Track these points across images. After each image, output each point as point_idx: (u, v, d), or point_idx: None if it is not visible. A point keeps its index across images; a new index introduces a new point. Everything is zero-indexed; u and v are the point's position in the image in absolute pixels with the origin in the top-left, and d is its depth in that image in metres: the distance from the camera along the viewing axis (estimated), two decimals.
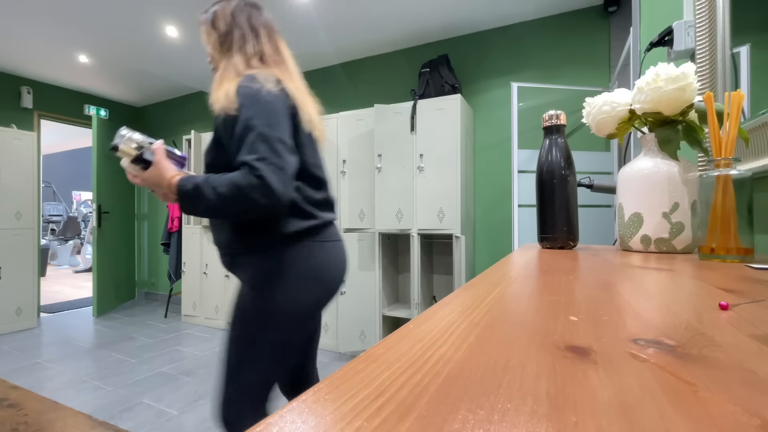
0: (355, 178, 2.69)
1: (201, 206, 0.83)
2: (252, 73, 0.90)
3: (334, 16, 2.62)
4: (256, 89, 0.86)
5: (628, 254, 0.62)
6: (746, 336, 0.19)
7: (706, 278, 0.37)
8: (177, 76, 3.73)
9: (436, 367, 0.16)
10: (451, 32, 2.85)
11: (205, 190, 0.81)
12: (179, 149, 4.02)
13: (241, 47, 0.98)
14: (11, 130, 3.29)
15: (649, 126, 0.66)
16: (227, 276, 3.29)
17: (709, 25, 0.82)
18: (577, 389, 0.13)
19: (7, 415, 0.56)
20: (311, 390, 0.14)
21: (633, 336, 0.19)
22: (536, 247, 0.75)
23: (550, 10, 2.56)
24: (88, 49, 3.15)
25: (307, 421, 0.12)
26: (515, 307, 0.27)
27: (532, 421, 0.11)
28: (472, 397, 0.13)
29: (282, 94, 0.89)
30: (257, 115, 0.82)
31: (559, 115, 0.73)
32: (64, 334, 3.23)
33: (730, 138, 0.52)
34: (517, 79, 2.63)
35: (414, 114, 2.47)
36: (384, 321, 2.63)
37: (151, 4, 2.50)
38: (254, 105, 0.84)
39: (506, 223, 2.67)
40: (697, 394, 0.13)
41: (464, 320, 0.23)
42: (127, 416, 1.86)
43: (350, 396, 0.14)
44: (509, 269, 0.45)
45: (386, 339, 0.20)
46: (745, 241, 0.50)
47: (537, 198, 0.74)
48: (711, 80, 0.81)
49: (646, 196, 0.63)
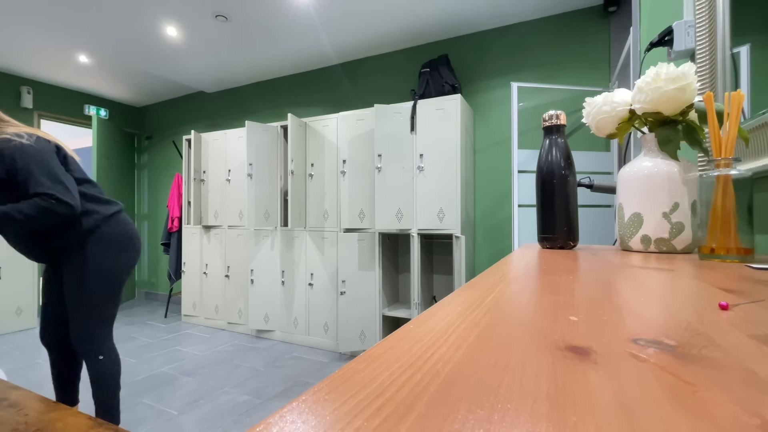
0: (355, 178, 2.69)
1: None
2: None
3: (334, 16, 2.62)
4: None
5: (628, 254, 0.62)
6: (746, 336, 0.19)
7: (706, 278, 0.37)
8: (177, 76, 3.73)
9: (436, 367, 0.16)
10: (451, 32, 2.85)
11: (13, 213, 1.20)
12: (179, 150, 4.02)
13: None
14: None
15: (649, 126, 0.66)
16: (227, 276, 3.30)
17: (709, 25, 0.82)
18: (577, 389, 0.13)
19: (7, 415, 0.56)
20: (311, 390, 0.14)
21: (633, 336, 0.19)
22: (536, 247, 0.75)
23: (550, 10, 2.56)
24: (88, 49, 3.15)
25: (307, 421, 0.12)
26: (515, 307, 0.27)
27: (532, 421, 0.11)
28: (472, 397, 0.13)
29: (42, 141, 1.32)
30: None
31: (559, 115, 0.73)
32: None
33: (730, 138, 0.52)
34: (517, 79, 2.63)
35: (414, 114, 2.47)
36: (384, 321, 2.63)
37: (151, 4, 2.50)
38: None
39: (506, 223, 2.67)
40: (697, 394, 0.13)
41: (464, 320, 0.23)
42: (127, 416, 1.86)
43: (350, 396, 0.14)
44: (509, 269, 0.45)
45: (386, 339, 0.20)
46: (745, 241, 0.50)
47: (537, 198, 0.74)
48: (711, 80, 0.81)
49: (646, 196, 0.63)
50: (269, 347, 2.89)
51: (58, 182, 1.25)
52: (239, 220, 3.26)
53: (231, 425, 1.80)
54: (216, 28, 2.79)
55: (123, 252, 1.45)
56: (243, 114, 3.95)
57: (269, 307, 3.04)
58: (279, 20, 2.68)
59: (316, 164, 2.89)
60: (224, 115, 4.06)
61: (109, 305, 1.42)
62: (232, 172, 3.29)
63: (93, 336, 1.40)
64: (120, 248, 1.44)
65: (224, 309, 3.33)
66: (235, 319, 3.26)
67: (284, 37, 2.92)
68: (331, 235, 2.81)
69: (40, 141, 1.29)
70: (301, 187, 2.87)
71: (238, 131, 3.26)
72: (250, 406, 1.97)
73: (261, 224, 2.89)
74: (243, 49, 3.13)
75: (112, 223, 1.44)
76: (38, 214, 1.20)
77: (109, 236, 1.42)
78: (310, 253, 2.91)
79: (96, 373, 1.41)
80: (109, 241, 1.41)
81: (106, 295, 1.41)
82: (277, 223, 3.00)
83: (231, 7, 2.51)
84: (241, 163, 3.23)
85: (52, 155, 1.30)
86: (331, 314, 2.81)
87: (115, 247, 1.43)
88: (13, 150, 1.21)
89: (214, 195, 3.40)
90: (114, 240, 1.43)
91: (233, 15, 2.62)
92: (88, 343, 1.39)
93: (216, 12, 2.58)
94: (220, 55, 3.25)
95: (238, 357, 2.68)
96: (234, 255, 3.27)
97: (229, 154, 3.32)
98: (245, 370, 2.44)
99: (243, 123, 3.77)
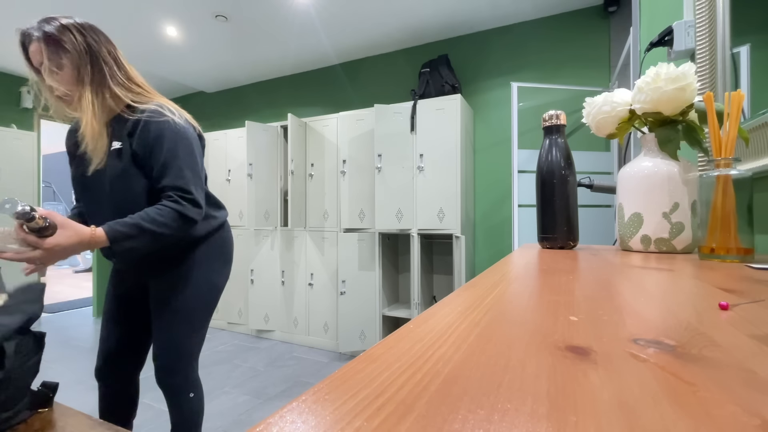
0: (355, 178, 2.69)
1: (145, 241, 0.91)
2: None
3: (334, 16, 2.62)
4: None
5: (628, 254, 0.62)
6: (746, 336, 0.19)
7: (706, 278, 0.37)
8: (177, 76, 3.73)
9: (436, 367, 0.16)
10: (451, 32, 2.85)
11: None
12: None
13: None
14: (11, 130, 3.29)
15: (649, 126, 0.66)
16: None
17: (709, 25, 0.82)
18: (577, 389, 0.13)
19: None
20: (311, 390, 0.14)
21: (633, 336, 0.19)
22: (536, 247, 0.75)
23: (550, 10, 2.56)
24: None
25: (307, 421, 0.12)
26: (515, 307, 0.27)
27: (532, 421, 0.11)
28: (472, 397, 0.13)
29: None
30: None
31: (559, 115, 0.73)
32: (64, 334, 3.23)
33: (730, 138, 0.52)
34: (517, 79, 2.63)
35: (414, 114, 2.47)
36: (384, 321, 2.63)
37: (151, 4, 2.50)
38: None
39: (506, 223, 2.67)
40: (697, 394, 0.13)
41: (464, 320, 0.23)
42: None
43: (350, 396, 0.14)
44: (509, 269, 0.45)
45: (386, 339, 0.20)
46: (745, 241, 0.50)
47: (537, 198, 0.74)
48: (711, 80, 0.81)
49: (646, 196, 0.63)
50: (269, 347, 2.89)
51: (198, 180, 1.00)
52: (239, 220, 3.26)
53: (231, 425, 1.80)
54: (216, 28, 2.79)
55: (227, 264, 1.20)
56: (243, 114, 3.94)
57: (269, 307, 3.04)
58: (279, 20, 2.68)
59: (316, 164, 2.89)
60: (224, 115, 4.06)
61: (203, 329, 1.13)
62: (232, 172, 3.29)
63: (189, 367, 1.10)
64: (226, 260, 1.20)
65: (224, 309, 3.33)
66: (235, 319, 3.26)
67: (284, 37, 2.92)
68: (331, 235, 2.81)
69: (188, 124, 1.03)
70: (301, 187, 2.86)
71: (238, 131, 3.26)
72: (250, 406, 1.97)
73: (261, 224, 2.89)
74: (243, 49, 3.13)
75: (225, 230, 1.20)
76: (172, 222, 0.93)
77: (219, 245, 1.16)
78: (310, 253, 2.91)
79: (184, 418, 1.10)
80: (218, 251, 1.16)
81: (206, 315, 1.13)
82: (277, 223, 2.99)
83: (231, 7, 2.51)
84: (241, 163, 3.23)
85: (198, 145, 1.05)
86: (331, 314, 2.81)
87: (222, 258, 1.17)
88: (164, 126, 0.95)
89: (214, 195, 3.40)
90: (222, 250, 1.17)
91: (233, 15, 2.61)
92: (182, 376, 1.09)
93: (216, 12, 2.58)
94: (220, 55, 3.25)
95: (238, 357, 2.68)
96: (234, 255, 3.27)
97: (229, 154, 3.32)
98: (245, 370, 2.44)
99: (243, 123, 3.76)
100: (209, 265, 1.12)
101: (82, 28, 0.93)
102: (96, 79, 0.93)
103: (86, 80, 0.92)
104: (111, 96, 0.95)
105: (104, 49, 0.95)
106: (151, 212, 0.90)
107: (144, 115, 0.95)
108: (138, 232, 0.88)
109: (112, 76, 0.95)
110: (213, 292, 1.14)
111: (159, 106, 0.98)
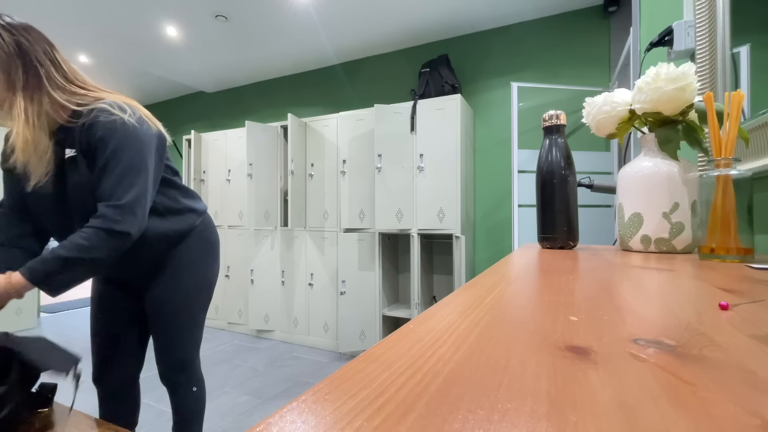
0: (355, 178, 2.69)
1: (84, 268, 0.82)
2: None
3: (334, 16, 2.62)
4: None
5: (628, 254, 0.62)
6: (746, 336, 0.19)
7: (706, 278, 0.37)
8: (177, 76, 3.73)
9: (436, 367, 0.16)
10: (451, 32, 2.85)
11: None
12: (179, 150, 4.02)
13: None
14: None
15: (649, 126, 0.66)
16: (227, 276, 3.29)
17: (709, 25, 0.82)
18: (577, 389, 0.13)
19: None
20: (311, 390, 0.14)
21: (633, 336, 0.19)
22: (536, 247, 0.75)
23: (550, 10, 2.56)
24: (88, 49, 3.15)
25: (307, 421, 0.12)
26: (515, 307, 0.27)
27: (532, 421, 0.11)
28: (472, 397, 0.13)
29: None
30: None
31: (559, 115, 0.73)
32: (64, 334, 3.23)
33: (730, 138, 0.52)
34: (517, 79, 2.63)
35: (414, 114, 2.47)
36: (384, 321, 2.63)
37: (151, 4, 2.50)
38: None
39: (506, 223, 2.67)
40: (697, 394, 0.13)
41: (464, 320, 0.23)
42: None
43: (350, 396, 0.14)
44: (509, 269, 0.45)
45: (386, 339, 0.20)
46: (745, 241, 0.50)
47: (537, 198, 0.74)
48: (711, 80, 0.81)
49: (646, 196, 0.63)
50: (269, 347, 2.89)
51: (143, 185, 0.88)
52: (239, 220, 3.26)
53: (231, 425, 1.80)
54: (216, 28, 2.79)
55: (216, 255, 1.17)
56: (243, 114, 3.94)
57: (269, 307, 3.04)
58: (279, 20, 2.68)
59: (316, 164, 2.89)
60: (224, 115, 4.06)
61: (203, 323, 1.14)
62: (232, 172, 3.29)
63: (191, 361, 1.11)
64: (214, 251, 1.17)
65: (224, 309, 3.33)
66: (235, 319, 3.26)
67: (284, 37, 2.92)
68: (331, 235, 2.81)
69: (144, 126, 0.91)
70: (301, 187, 2.86)
71: (238, 131, 3.26)
72: (250, 406, 1.97)
73: (261, 224, 2.89)
74: (243, 49, 3.13)
75: (207, 222, 1.15)
76: (101, 243, 0.82)
77: (205, 237, 1.13)
78: (310, 253, 2.91)
79: (187, 411, 1.12)
80: (205, 243, 1.13)
81: (203, 309, 1.13)
82: (277, 223, 2.99)
83: (231, 7, 2.51)
84: (241, 163, 3.23)
85: (153, 145, 0.92)
86: (331, 314, 2.81)
87: (210, 250, 1.15)
88: (110, 126, 0.84)
89: (214, 195, 3.40)
90: (209, 241, 1.15)
91: (233, 15, 2.61)
92: (183, 371, 1.10)
93: (216, 12, 2.58)
94: (220, 55, 3.25)
95: (238, 357, 2.68)
96: (234, 255, 3.27)
97: (229, 154, 3.32)
98: (245, 370, 2.44)
99: (243, 123, 3.76)
100: (200, 260, 1.11)
101: (11, 27, 0.83)
102: (31, 83, 0.82)
103: (18, 85, 0.81)
104: (50, 101, 0.84)
105: (39, 49, 0.84)
106: (75, 238, 0.81)
107: (90, 116, 0.85)
108: (62, 265, 0.79)
109: (49, 79, 0.84)
110: (208, 285, 1.14)
111: (108, 104, 0.87)
